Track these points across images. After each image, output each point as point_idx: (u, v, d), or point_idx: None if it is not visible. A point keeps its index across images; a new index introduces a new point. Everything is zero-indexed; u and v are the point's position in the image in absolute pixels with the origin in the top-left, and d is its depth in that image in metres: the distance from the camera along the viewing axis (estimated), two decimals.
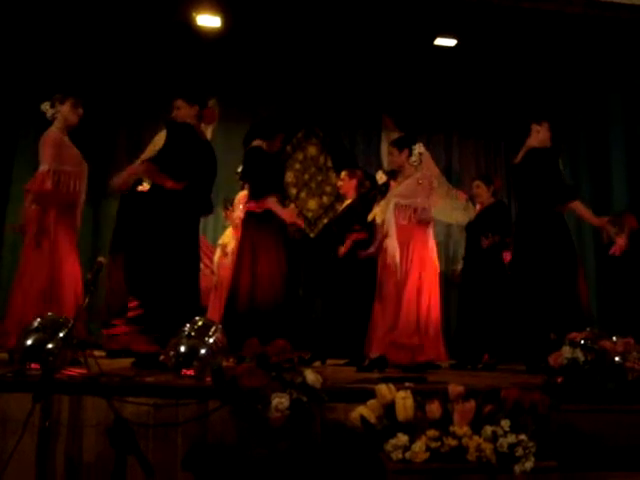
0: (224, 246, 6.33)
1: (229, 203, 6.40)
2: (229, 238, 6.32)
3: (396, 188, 4.75)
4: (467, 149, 8.11)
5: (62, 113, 4.43)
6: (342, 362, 5.21)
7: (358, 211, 5.58)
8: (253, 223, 4.63)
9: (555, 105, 7.16)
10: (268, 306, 4.42)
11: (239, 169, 5.26)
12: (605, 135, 7.16)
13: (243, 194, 5.47)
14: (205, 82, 6.80)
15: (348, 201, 5.77)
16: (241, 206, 5.50)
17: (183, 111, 4.31)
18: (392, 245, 4.56)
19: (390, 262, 4.53)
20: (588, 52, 6.50)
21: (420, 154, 4.72)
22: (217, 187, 7.19)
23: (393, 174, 5.04)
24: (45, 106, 4.47)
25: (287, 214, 4.64)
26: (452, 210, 7.60)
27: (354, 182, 5.69)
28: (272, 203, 4.58)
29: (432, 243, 4.68)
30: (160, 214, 4.11)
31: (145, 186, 5.28)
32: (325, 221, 7.48)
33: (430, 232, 4.72)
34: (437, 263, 4.68)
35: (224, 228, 6.79)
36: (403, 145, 4.73)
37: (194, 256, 4.29)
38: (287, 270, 4.57)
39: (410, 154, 4.68)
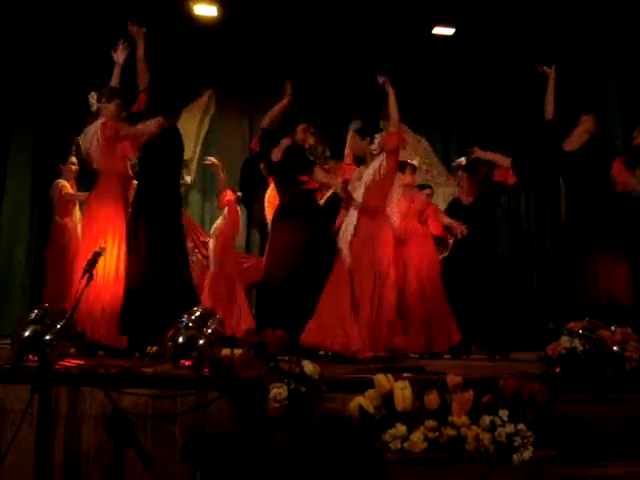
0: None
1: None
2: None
3: (360, 173, 4.71)
4: (465, 139, 8.08)
5: (105, 110, 4.41)
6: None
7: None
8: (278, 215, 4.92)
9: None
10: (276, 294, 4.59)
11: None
12: (603, 122, 7.13)
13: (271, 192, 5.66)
14: (202, 72, 6.79)
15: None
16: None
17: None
18: (347, 230, 4.51)
19: (342, 247, 4.47)
20: (587, 39, 6.48)
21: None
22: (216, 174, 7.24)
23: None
24: (92, 97, 4.48)
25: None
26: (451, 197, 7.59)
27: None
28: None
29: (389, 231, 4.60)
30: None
31: None
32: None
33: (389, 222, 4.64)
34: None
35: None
36: (366, 133, 4.76)
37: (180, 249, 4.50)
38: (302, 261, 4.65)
39: (371, 142, 4.69)
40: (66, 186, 5.71)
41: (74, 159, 5.71)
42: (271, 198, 5.70)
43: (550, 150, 4.88)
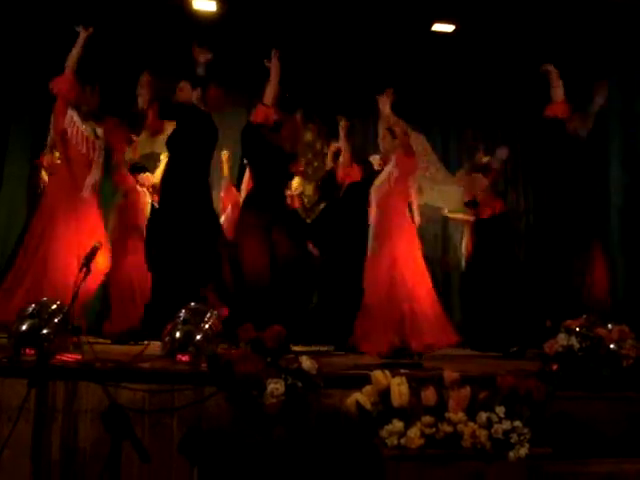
0: None
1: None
2: None
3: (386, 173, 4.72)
4: (464, 137, 8.08)
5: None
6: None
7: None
8: (250, 206, 4.72)
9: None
10: (254, 288, 4.45)
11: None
12: (604, 120, 7.13)
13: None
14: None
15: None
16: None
17: (185, 93, 4.45)
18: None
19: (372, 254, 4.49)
20: (588, 37, 6.47)
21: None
22: (213, 170, 7.24)
23: None
24: None
25: None
26: (449, 196, 7.59)
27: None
28: None
29: (413, 231, 4.65)
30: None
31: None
32: (321, 207, 7.45)
33: (412, 219, 4.73)
34: (420, 252, 4.61)
35: None
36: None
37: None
38: (277, 256, 4.56)
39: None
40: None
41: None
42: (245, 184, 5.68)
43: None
